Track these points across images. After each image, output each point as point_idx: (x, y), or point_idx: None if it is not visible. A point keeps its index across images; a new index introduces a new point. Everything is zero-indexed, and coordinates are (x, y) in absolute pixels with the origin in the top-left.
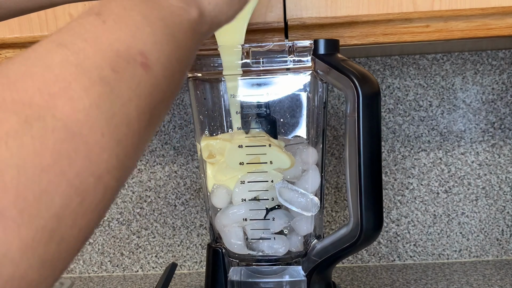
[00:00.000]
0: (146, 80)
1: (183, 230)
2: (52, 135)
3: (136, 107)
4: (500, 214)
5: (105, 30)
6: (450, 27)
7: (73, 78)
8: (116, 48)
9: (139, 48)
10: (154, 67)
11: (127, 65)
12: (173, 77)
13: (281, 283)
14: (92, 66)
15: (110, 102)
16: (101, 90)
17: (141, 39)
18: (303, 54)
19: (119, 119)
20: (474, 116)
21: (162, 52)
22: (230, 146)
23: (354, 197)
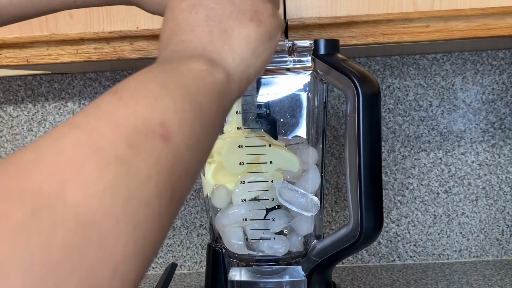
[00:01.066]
0: (166, 153)
1: (183, 230)
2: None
3: (156, 184)
4: (500, 214)
5: (121, 106)
6: (450, 27)
7: (85, 160)
8: (133, 122)
9: (158, 119)
10: (175, 137)
11: (145, 139)
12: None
13: (281, 283)
14: (107, 145)
15: (127, 183)
16: (117, 170)
17: (160, 109)
18: (303, 54)
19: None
20: (474, 116)
21: (184, 120)
22: (226, 148)
23: (354, 197)
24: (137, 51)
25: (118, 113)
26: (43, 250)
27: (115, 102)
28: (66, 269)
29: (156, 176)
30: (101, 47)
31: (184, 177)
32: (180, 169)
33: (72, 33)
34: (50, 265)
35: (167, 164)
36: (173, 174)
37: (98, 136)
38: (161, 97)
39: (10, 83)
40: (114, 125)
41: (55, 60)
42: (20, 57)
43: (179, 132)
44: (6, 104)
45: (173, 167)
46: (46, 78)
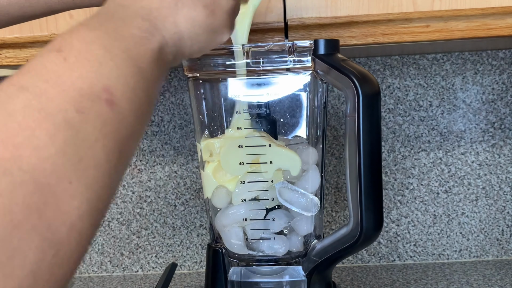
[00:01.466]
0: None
1: (183, 230)
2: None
3: (103, 147)
4: (500, 214)
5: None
6: (450, 27)
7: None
8: (79, 86)
9: (103, 84)
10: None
11: (91, 104)
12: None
13: (281, 283)
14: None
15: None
16: (66, 134)
17: (105, 74)
18: (303, 54)
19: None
20: (474, 116)
21: (127, 85)
22: (225, 149)
23: (354, 197)
24: None
25: (64, 76)
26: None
27: (60, 63)
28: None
29: (103, 139)
30: None
31: (129, 139)
32: (125, 132)
33: None
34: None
35: (113, 128)
36: (119, 136)
37: (47, 100)
38: (105, 61)
39: None
40: (61, 89)
41: None
42: (20, 57)
43: (122, 97)
44: None
45: (118, 130)
46: None
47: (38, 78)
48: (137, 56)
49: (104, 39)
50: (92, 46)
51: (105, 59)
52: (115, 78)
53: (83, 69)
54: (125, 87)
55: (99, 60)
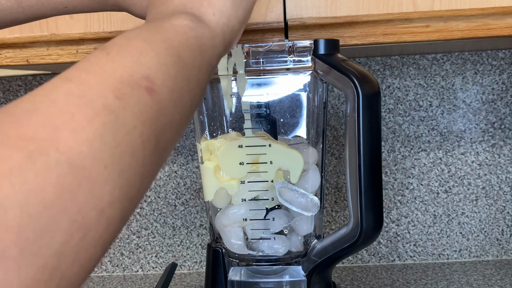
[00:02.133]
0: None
1: (183, 230)
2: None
3: (141, 134)
4: (500, 214)
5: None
6: (450, 27)
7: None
8: (120, 75)
9: (143, 73)
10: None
11: (131, 91)
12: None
13: (281, 283)
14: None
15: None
16: (105, 119)
17: (144, 63)
18: (303, 54)
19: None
20: (474, 116)
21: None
22: (223, 150)
23: (354, 197)
24: None
25: (106, 67)
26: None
27: (103, 57)
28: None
29: (141, 126)
30: None
31: (168, 129)
32: (164, 121)
33: (72, 33)
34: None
35: (152, 115)
36: (157, 125)
37: (88, 88)
38: (146, 51)
39: (10, 83)
40: (102, 78)
41: (55, 60)
42: (20, 57)
43: (162, 86)
44: (6, 104)
45: (157, 119)
46: (46, 78)
47: (82, 70)
48: (178, 45)
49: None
50: (134, 41)
51: (146, 49)
52: (155, 66)
53: (123, 59)
54: (165, 75)
55: (139, 51)
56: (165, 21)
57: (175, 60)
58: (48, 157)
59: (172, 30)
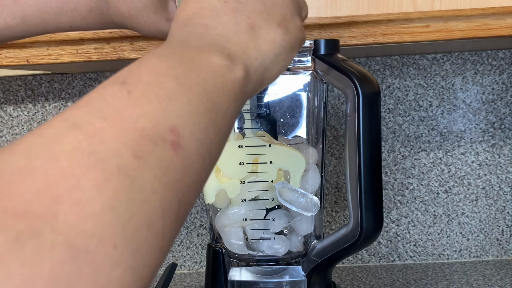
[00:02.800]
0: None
1: (183, 230)
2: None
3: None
4: (500, 214)
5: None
6: (450, 27)
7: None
8: (141, 126)
9: (170, 124)
10: (187, 145)
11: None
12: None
13: (281, 283)
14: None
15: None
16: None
17: (174, 111)
18: (303, 54)
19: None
20: (474, 116)
21: (198, 124)
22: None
23: (354, 197)
24: (137, 51)
25: (126, 114)
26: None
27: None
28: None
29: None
30: (101, 47)
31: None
32: (188, 181)
33: (72, 33)
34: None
35: (175, 176)
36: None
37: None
38: (176, 96)
39: (10, 83)
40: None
41: (55, 60)
42: (20, 57)
43: (191, 139)
44: (6, 104)
45: (181, 179)
46: (46, 78)
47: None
48: (214, 89)
49: (178, 69)
50: (163, 78)
51: (177, 93)
52: (185, 116)
53: (149, 105)
54: (195, 126)
55: (169, 95)
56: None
57: (208, 107)
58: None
59: (209, 69)
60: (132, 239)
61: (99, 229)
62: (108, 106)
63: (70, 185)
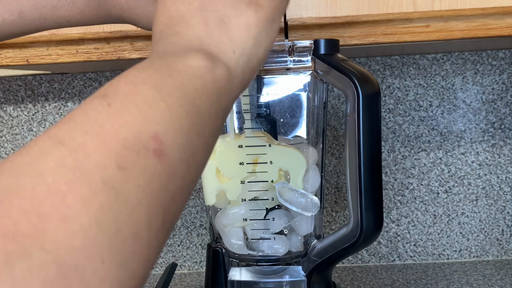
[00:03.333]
0: (160, 172)
1: (183, 230)
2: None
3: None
4: (500, 214)
5: (110, 115)
6: (450, 27)
7: (69, 188)
8: (123, 136)
9: (152, 131)
10: (170, 152)
11: (136, 156)
12: (193, 158)
13: (281, 283)
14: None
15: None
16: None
17: (154, 118)
18: (303, 54)
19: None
20: (474, 116)
21: (180, 129)
22: (222, 149)
23: (354, 197)
24: (137, 51)
25: (107, 125)
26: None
27: (104, 110)
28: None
29: (148, 201)
30: (101, 47)
31: (178, 196)
32: (174, 188)
33: (72, 33)
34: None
35: (160, 185)
36: (166, 195)
37: (84, 156)
38: (155, 103)
39: (10, 83)
40: (102, 141)
41: (55, 60)
42: (20, 57)
43: (173, 145)
44: (6, 104)
45: (166, 187)
46: (46, 78)
47: (77, 129)
48: (193, 92)
49: (155, 77)
50: (141, 87)
51: (156, 100)
52: (166, 122)
53: (129, 115)
54: (177, 131)
55: (148, 103)
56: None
57: (188, 110)
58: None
59: (186, 73)
60: (119, 252)
61: (86, 244)
62: (90, 120)
63: (56, 202)
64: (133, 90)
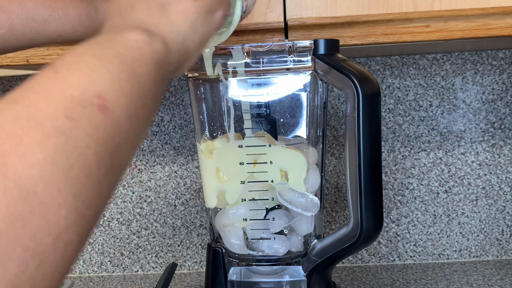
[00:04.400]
0: (105, 123)
1: (183, 230)
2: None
3: (95, 154)
4: (500, 214)
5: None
6: (450, 27)
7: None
8: (70, 94)
9: (95, 90)
10: (113, 107)
11: (83, 110)
12: (136, 116)
13: (281, 283)
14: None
15: (67, 153)
16: (56, 141)
17: (96, 80)
18: (303, 54)
19: (77, 170)
20: (474, 116)
21: (121, 90)
22: (222, 149)
23: (354, 197)
24: None
25: (55, 86)
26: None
27: (52, 76)
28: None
29: (95, 146)
30: None
31: (123, 146)
32: (119, 139)
33: None
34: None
35: (106, 134)
36: (112, 143)
37: (37, 110)
38: (97, 68)
39: (10, 83)
40: (51, 98)
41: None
42: (20, 57)
43: (116, 103)
44: None
45: (111, 137)
46: None
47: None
48: (132, 60)
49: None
50: (84, 57)
51: (97, 66)
52: (107, 83)
53: (73, 78)
54: (118, 92)
55: (90, 68)
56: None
57: (128, 75)
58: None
59: (125, 44)
60: (73, 184)
61: (43, 175)
62: (39, 83)
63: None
64: (77, 59)
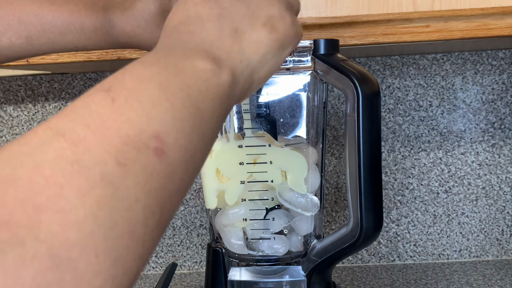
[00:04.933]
0: (159, 171)
1: (183, 230)
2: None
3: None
4: (500, 214)
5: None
6: (450, 27)
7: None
8: (125, 133)
9: (154, 130)
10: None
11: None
12: (193, 159)
13: (281, 283)
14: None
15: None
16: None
17: (157, 118)
18: (303, 54)
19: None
20: (474, 116)
21: (182, 130)
22: (222, 149)
23: (354, 197)
24: (137, 51)
25: (109, 121)
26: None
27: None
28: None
29: (145, 199)
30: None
31: (175, 195)
32: (171, 187)
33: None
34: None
35: (159, 183)
36: (164, 194)
37: (84, 150)
38: (159, 102)
39: (10, 83)
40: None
41: (55, 60)
42: None
43: (175, 145)
44: (6, 104)
45: (164, 186)
46: (46, 78)
47: (78, 122)
48: (198, 94)
49: (161, 75)
50: (147, 84)
51: (160, 99)
52: (168, 122)
53: (132, 112)
54: (179, 132)
55: (152, 101)
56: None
57: (192, 112)
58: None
59: (193, 73)
60: (114, 247)
61: (81, 238)
62: (92, 113)
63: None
64: (138, 87)
